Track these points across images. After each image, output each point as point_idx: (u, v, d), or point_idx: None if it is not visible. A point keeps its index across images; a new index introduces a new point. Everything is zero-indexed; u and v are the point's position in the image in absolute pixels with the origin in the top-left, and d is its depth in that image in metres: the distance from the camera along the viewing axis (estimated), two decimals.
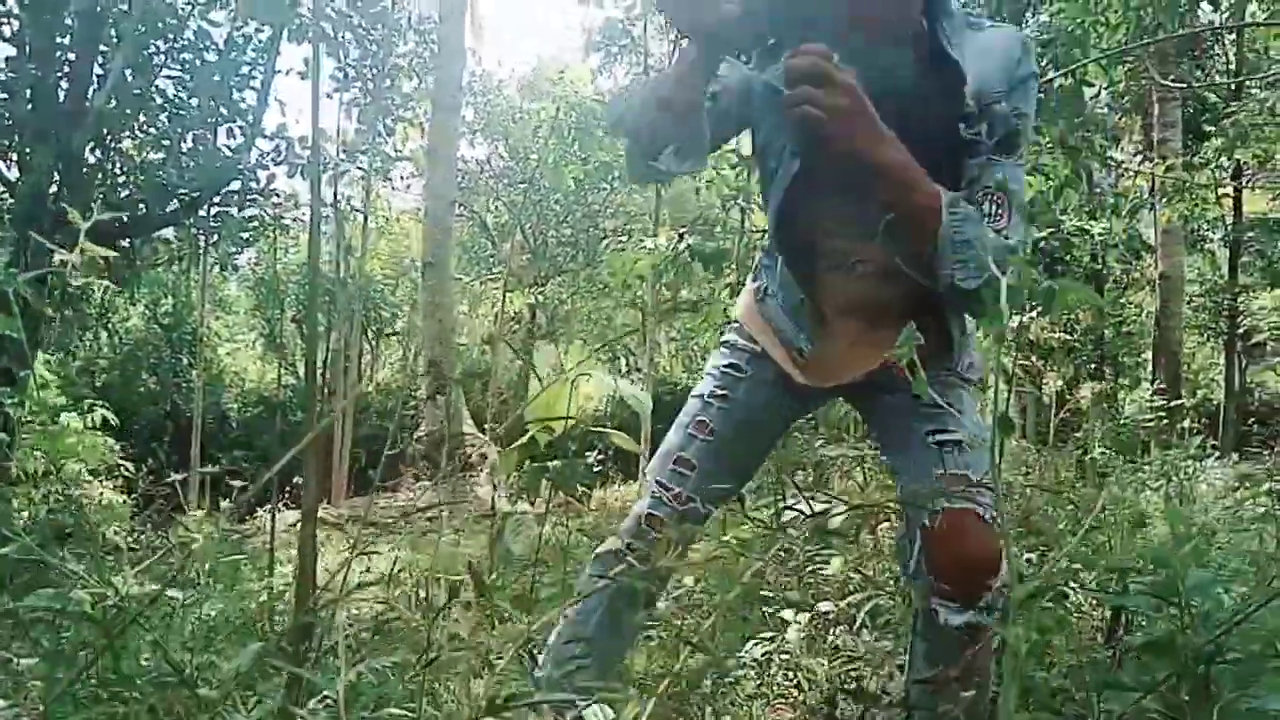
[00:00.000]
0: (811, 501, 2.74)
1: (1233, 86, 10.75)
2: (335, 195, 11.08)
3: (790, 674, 2.13)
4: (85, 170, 6.44)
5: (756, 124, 1.61)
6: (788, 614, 2.41)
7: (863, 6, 1.44)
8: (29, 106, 6.10)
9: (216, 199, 7.30)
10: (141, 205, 6.86)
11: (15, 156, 6.61)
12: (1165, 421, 6.79)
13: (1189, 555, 1.17)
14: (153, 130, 7.04)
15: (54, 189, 6.16)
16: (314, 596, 1.19)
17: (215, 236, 8.27)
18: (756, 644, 2.26)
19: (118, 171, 6.96)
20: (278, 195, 7.56)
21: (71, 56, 6.33)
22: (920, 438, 1.55)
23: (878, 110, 1.35)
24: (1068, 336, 12.13)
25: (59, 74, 6.26)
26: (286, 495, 9.72)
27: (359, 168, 10.08)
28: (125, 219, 6.86)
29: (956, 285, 1.42)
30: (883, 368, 1.57)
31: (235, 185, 7.31)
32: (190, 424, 12.39)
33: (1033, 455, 5.33)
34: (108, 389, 12.87)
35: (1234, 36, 11.42)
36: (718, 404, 1.69)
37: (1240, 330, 13.15)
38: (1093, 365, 13.72)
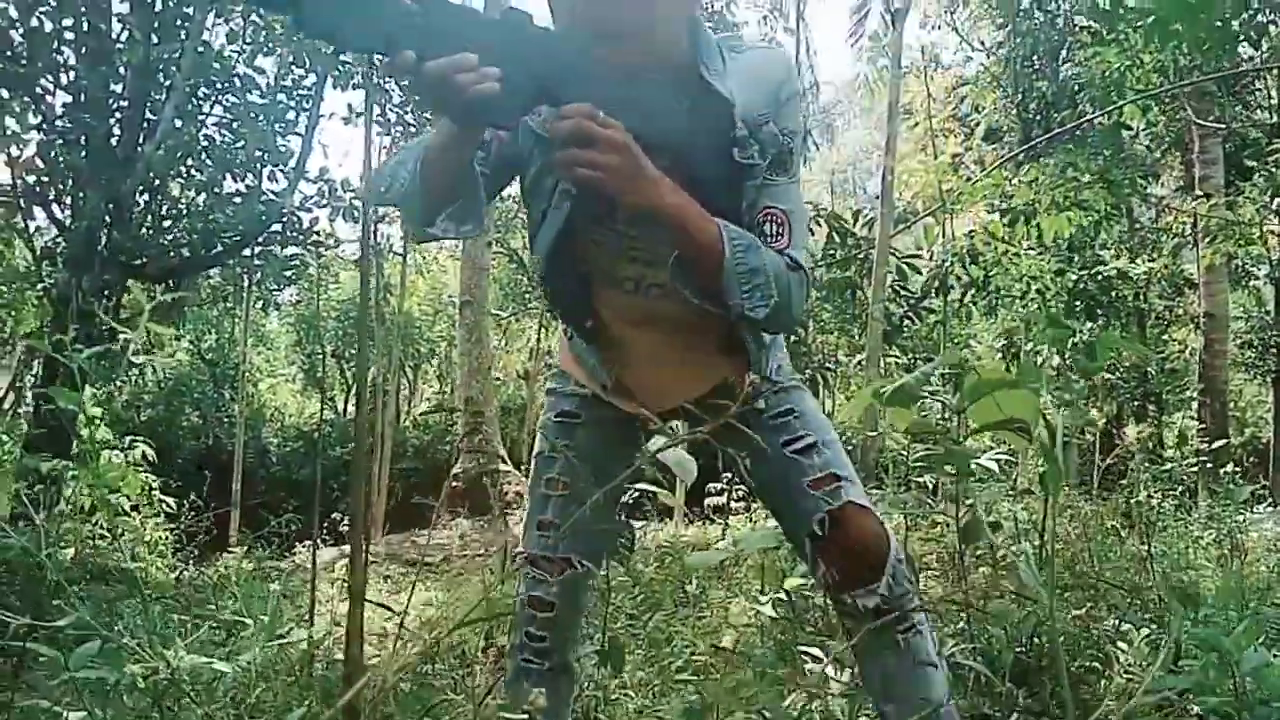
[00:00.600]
0: None
1: (1275, 122, 10.63)
2: (375, 235, 11.29)
3: None
4: (134, 214, 6.61)
5: (525, 165, 1.56)
6: (829, 669, 2.38)
7: (625, 53, 1.39)
8: (83, 153, 6.27)
9: (260, 240, 7.46)
10: (187, 248, 7.01)
11: (69, 200, 6.80)
12: (1211, 466, 6.65)
13: (1243, 636, 1.15)
14: (199, 174, 7.21)
15: (104, 231, 6.33)
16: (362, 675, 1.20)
17: (258, 275, 8.43)
18: (795, 697, 2.23)
19: (165, 214, 7.13)
20: (318, 235, 7.70)
21: (124, 104, 6.52)
22: (776, 451, 1.56)
23: (651, 150, 1.35)
24: (1110, 375, 11.97)
25: (111, 121, 6.45)
26: (325, 530, 9.79)
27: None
28: (172, 260, 7.02)
29: (746, 315, 1.45)
30: (712, 393, 1.56)
31: (278, 226, 7.47)
32: (231, 458, 12.55)
33: (1078, 501, 5.25)
34: (152, 424, 13.09)
35: (1277, 73, 11.30)
36: (561, 457, 1.67)
37: None
38: (1136, 403, 13.50)
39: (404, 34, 1.18)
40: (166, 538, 7.99)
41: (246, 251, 7.58)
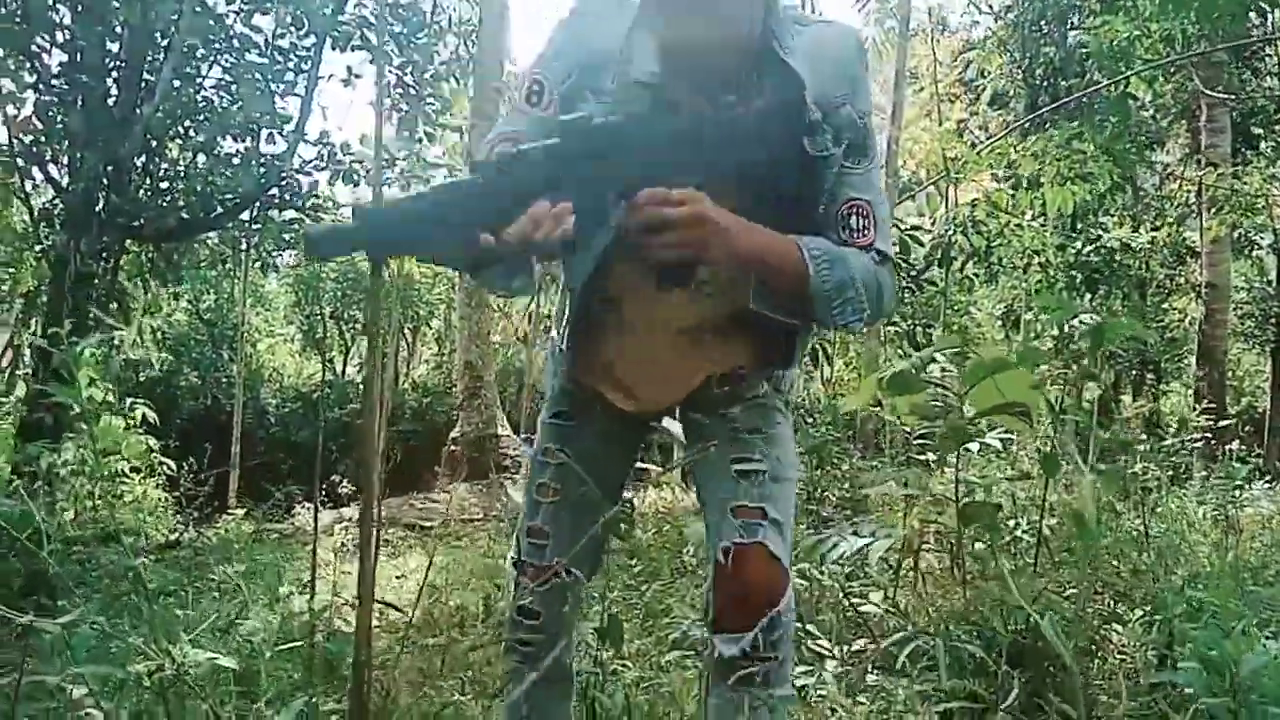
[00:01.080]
0: (851, 529, 2.72)
1: None
2: (377, 198, 11.15)
3: (829, 714, 2.12)
4: (132, 176, 6.55)
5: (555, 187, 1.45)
6: (824, 648, 2.40)
7: (694, 29, 1.32)
8: (80, 114, 6.21)
9: (258, 203, 7.41)
10: (185, 210, 6.96)
11: (67, 161, 6.75)
12: (1213, 441, 6.67)
13: (1241, 640, 1.16)
14: (198, 136, 7.15)
15: (102, 193, 6.28)
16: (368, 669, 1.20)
17: (257, 239, 8.39)
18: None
19: (163, 176, 7.07)
20: (318, 199, 7.64)
21: (121, 64, 6.44)
22: (725, 465, 1.49)
23: (721, 158, 1.30)
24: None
25: (109, 82, 6.38)
26: (324, 493, 9.84)
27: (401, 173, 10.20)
28: (170, 222, 6.98)
29: (838, 328, 1.42)
30: (701, 387, 1.51)
31: (276, 189, 7.41)
32: (229, 419, 12.56)
33: (1074, 475, 5.25)
34: (151, 384, 13.08)
35: None
36: (554, 461, 1.60)
37: None
38: (1134, 372, 13.51)
39: (469, 228, 1.18)
40: (166, 499, 8.04)
41: (245, 215, 7.53)
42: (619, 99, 1.37)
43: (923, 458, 3.49)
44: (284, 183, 7.28)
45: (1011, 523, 3.21)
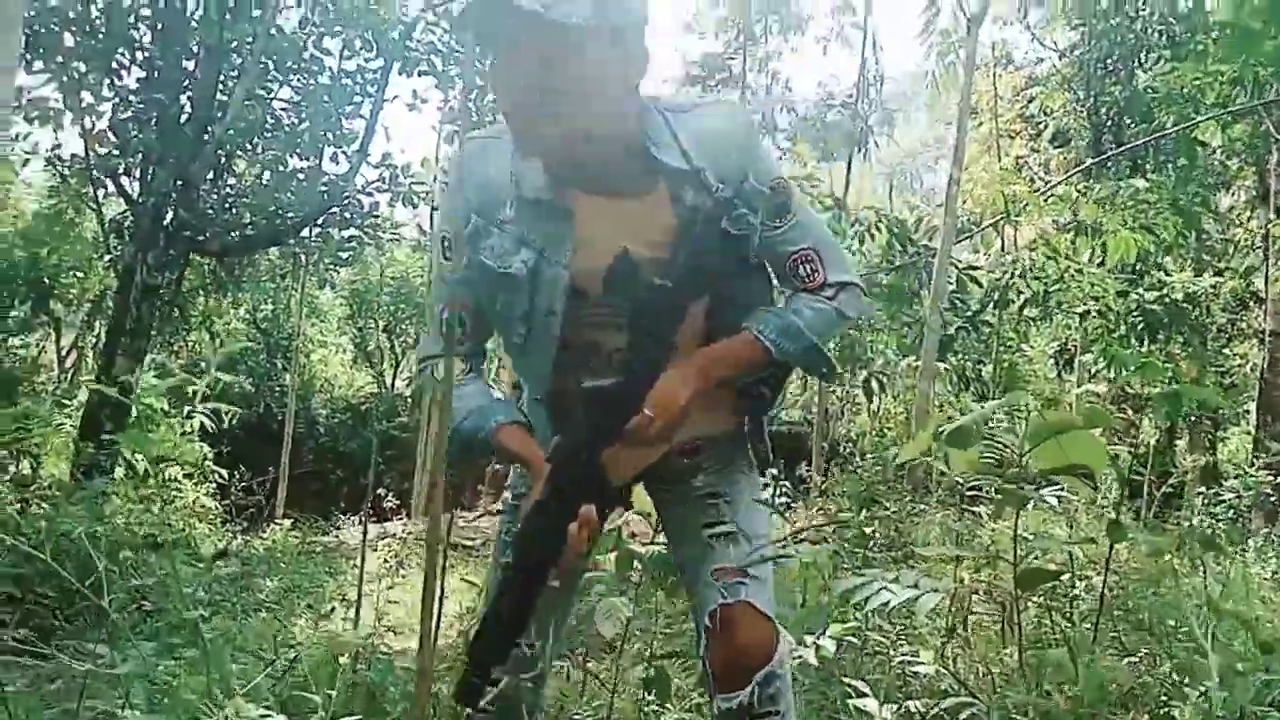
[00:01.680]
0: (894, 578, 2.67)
1: None
2: (433, 220, 11.38)
3: None
4: (200, 191, 6.72)
5: (488, 299, 1.49)
6: (871, 706, 2.36)
7: (577, 155, 1.36)
8: (154, 131, 6.39)
9: (319, 221, 7.56)
10: (250, 226, 7.13)
11: (138, 175, 6.95)
12: (1273, 498, 6.48)
13: None
14: (265, 153, 7.32)
15: (171, 208, 6.46)
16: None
17: (316, 255, 8.54)
18: None
19: (229, 192, 7.25)
20: (377, 219, 7.77)
21: (196, 82, 6.63)
22: (696, 531, 1.54)
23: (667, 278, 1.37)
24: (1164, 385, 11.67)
25: (183, 100, 6.56)
26: (369, 506, 9.92)
27: None
28: (234, 237, 7.14)
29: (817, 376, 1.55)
30: (662, 460, 1.51)
31: (337, 207, 7.55)
32: (280, 427, 12.76)
33: (1131, 530, 5.13)
34: (207, 392, 13.33)
35: None
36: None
37: None
38: (1192, 418, 13.17)
39: None
40: (216, 508, 8.17)
41: (306, 231, 7.68)
42: (518, 222, 1.41)
43: (974, 508, 3.43)
44: (346, 201, 7.42)
45: (1065, 576, 3.14)
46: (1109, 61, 11.84)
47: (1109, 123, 12.07)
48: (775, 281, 1.57)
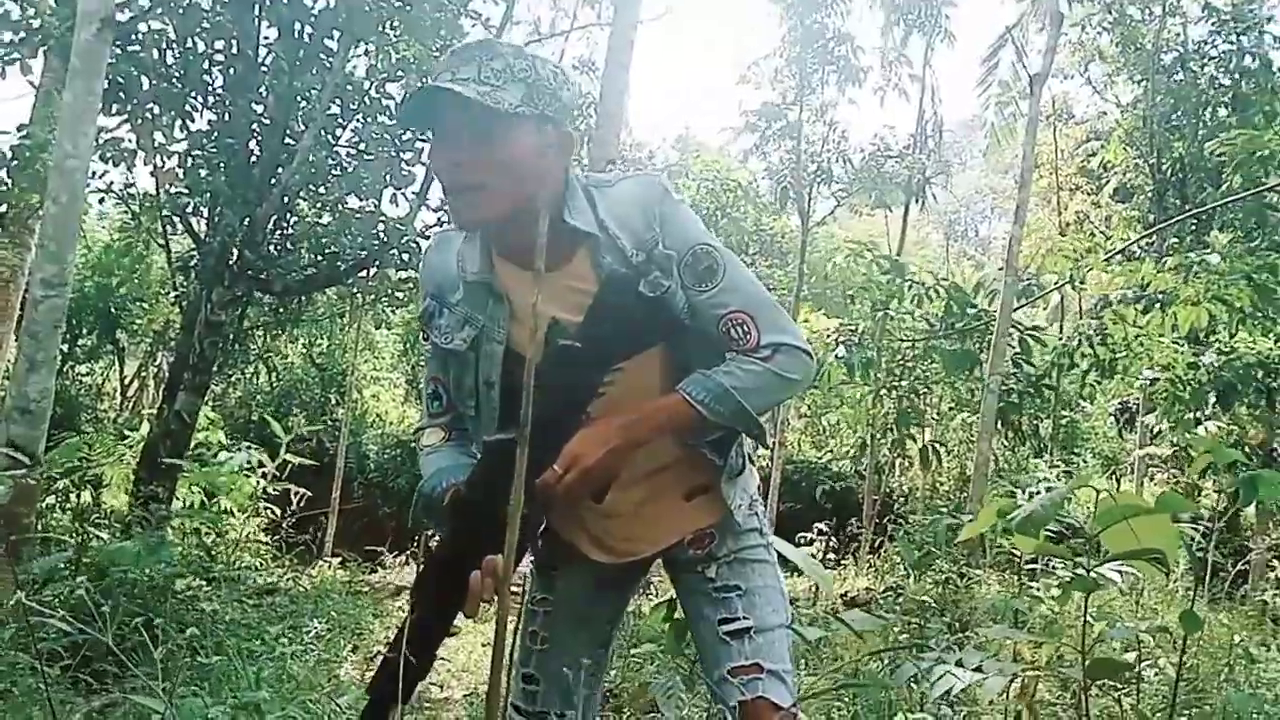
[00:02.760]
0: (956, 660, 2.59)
1: None
2: None
3: None
4: (265, 232, 6.87)
5: (451, 366, 1.59)
6: None
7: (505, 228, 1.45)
8: (223, 174, 6.57)
9: (378, 262, 7.66)
10: (312, 267, 7.25)
11: (206, 215, 7.13)
12: None
13: None
14: (328, 194, 7.46)
15: (236, 248, 6.60)
16: None
17: (373, 295, 8.66)
18: None
19: (292, 233, 7.40)
20: None
21: (266, 125, 6.80)
22: (712, 626, 1.58)
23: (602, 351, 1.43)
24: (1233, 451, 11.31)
25: (252, 144, 6.74)
26: (414, 546, 9.97)
27: None
28: (296, 277, 7.27)
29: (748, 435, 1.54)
30: (675, 548, 1.61)
31: (395, 250, 7.65)
32: (331, 461, 12.88)
33: (1201, 606, 4.94)
34: (261, 424, 13.56)
35: None
36: (542, 609, 1.70)
37: None
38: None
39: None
40: (267, 543, 8.24)
41: (364, 272, 7.79)
42: (464, 303, 1.53)
43: (1034, 585, 3.32)
44: (404, 243, 7.52)
45: (1133, 655, 3.02)
46: (1174, 116, 11.67)
47: (1173, 178, 11.87)
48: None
